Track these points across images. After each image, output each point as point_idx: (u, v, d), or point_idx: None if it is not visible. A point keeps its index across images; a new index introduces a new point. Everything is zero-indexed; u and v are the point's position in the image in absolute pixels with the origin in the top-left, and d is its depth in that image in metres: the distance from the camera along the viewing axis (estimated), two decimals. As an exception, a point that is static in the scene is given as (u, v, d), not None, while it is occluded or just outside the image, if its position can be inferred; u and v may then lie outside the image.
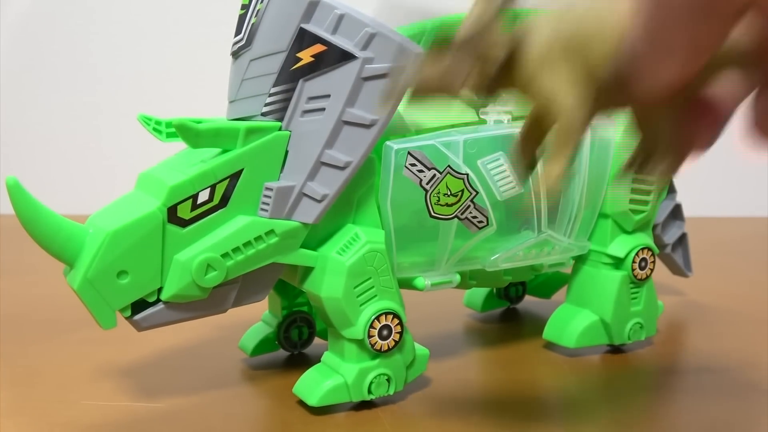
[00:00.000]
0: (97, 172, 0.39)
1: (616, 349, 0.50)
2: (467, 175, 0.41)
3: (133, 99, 0.48)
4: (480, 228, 0.43)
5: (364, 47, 0.38)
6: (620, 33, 0.23)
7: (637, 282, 0.49)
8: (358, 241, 0.40)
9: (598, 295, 0.49)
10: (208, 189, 0.38)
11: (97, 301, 0.37)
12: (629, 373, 0.47)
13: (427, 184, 0.41)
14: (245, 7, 0.40)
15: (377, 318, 0.40)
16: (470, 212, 0.42)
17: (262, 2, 0.39)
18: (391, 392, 0.41)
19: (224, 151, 0.38)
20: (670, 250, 0.58)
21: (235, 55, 0.40)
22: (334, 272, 0.39)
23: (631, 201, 0.48)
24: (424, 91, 0.27)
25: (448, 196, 0.41)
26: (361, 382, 0.40)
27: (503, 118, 0.43)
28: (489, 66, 0.25)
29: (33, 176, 0.55)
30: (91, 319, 0.37)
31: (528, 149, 0.29)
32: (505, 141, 0.42)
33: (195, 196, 0.37)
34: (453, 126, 0.43)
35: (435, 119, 0.42)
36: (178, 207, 0.37)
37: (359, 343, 0.40)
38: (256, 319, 0.50)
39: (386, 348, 0.40)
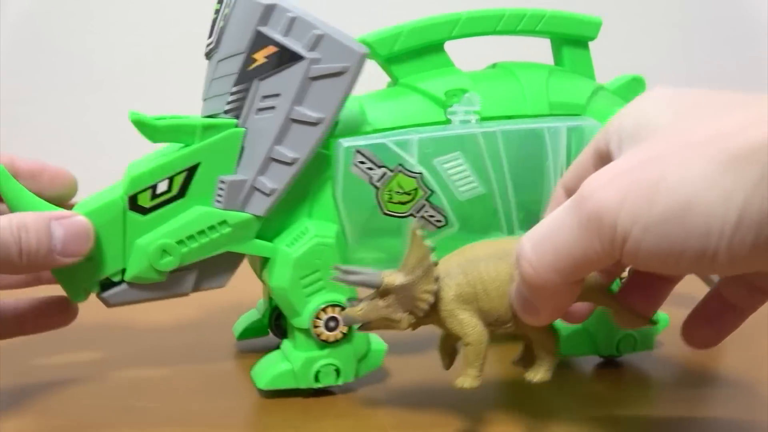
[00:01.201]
0: (97, 172, 0.42)
1: (609, 361, 0.48)
2: (420, 174, 0.42)
3: (133, 99, 0.52)
4: (438, 227, 0.43)
5: (312, 48, 0.39)
6: (503, 294, 0.36)
7: (627, 292, 0.47)
8: (307, 234, 0.41)
9: (583, 303, 0.47)
10: (167, 180, 0.40)
11: (67, 278, 0.41)
12: (629, 374, 0.46)
13: (377, 181, 0.42)
14: (217, 11, 0.43)
15: (323, 309, 0.41)
16: (426, 211, 0.43)
17: (228, 7, 0.41)
18: (340, 382, 0.43)
19: (186, 146, 0.41)
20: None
21: (208, 56, 0.43)
22: (282, 263, 0.41)
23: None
24: (369, 327, 0.37)
25: (401, 194, 0.42)
26: (308, 370, 0.42)
27: (470, 117, 0.43)
28: (418, 310, 0.36)
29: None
30: (91, 319, 0.40)
31: (446, 349, 0.39)
32: (465, 141, 0.42)
33: (154, 187, 0.40)
34: (418, 125, 0.43)
35: (400, 118, 0.43)
36: (138, 196, 0.40)
37: (306, 332, 0.42)
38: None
39: (333, 339, 0.42)
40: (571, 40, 0.48)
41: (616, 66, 0.51)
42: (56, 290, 0.42)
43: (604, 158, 0.33)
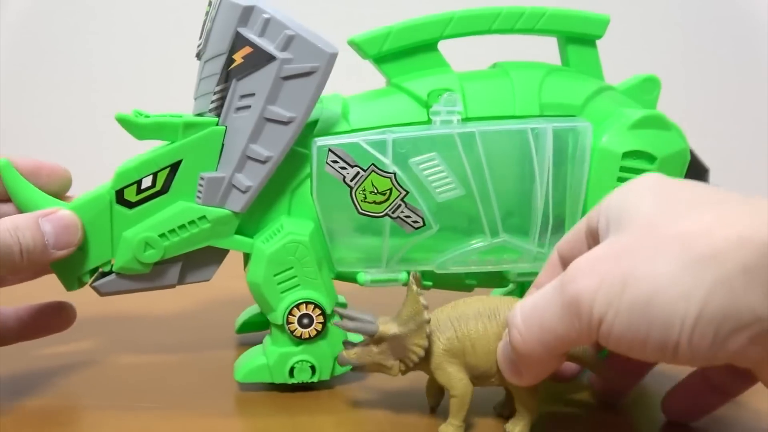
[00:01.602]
0: (98, 172, 0.44)
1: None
2: (394, 173, 0.42)
3: (134, 99, 0.53)
4: (416, 228, 0.43)
5: (284, 48, 0.40)
6: (490, 351, 0.37)
7: (623, 301, 0.45)
8: (281, 231, 0.42)
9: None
10: (151, 176, 0.42)
11: (61, 266, 0.43)
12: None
13: (351, 181, 0.42)
14: (207, 13, 0.44)
15: (297, 306, 0.42)
16: (402, 211, 0.42)
17: (214, 9, 0.43)
18: (316, 380, 0.43)
19: (171, 143, 0.43)
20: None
21: (198, 56, 0.45)
22: (257, 259, 0.42)
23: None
24: (362, 369, 0.39)
25: (375, 194, 0.42)
26: (282, 365, 0.43)
27: (453, 118, 0.43)
28: (408, 360, 0.38)
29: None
30: (90, 318, 0.41)
31: (432, 390, 0.41)
32: (442, 141, 0.42)
33: (139, 182, 0.42)
34: (398, 125, 0.43)
35: (381, 118, 0.43)
36: (125, 190, 0.42)
37: (281, 328, 0.42)
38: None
39: (307, 336, 0.42)
40: (576, 39, 0.47)
41: (614, 66, 0.48)
42: (55, 296, 0.45)
43: (594, 234, 0.36)
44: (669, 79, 0.49)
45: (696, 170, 0.49)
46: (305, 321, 0.42)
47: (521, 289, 0.54)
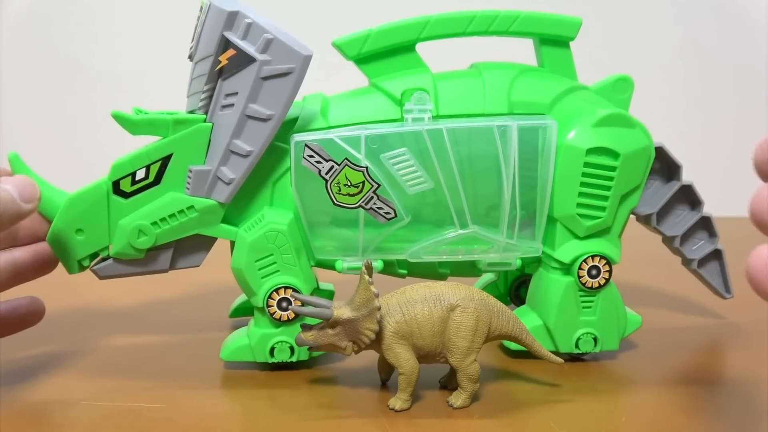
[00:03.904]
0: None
1: (574, 357, 0.49)
2: (367, 168, 0.44)
3: (134, 98, 0.55)
4: (388, 219, 0.45)
5: (263, 51, 0.43)
6: (435, 333, 0.41)
7: (588, 290, 0.47)
8: (262, 221, 0.45)
9: (544, 299, 0.48)
10: (144, 168, 0.46)
11: (62, 250, 0.47)
12: (630, 380, 0.47)
13: (326, 174, 0.45)
14: (198, 18, 0.47)
15: (276, 290, 0.45)
16: (375, 203, 0.45)
17: (204, 14, 0.46)
18: (294, 359, 0.46)
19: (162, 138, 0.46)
20: (697, 266, 0.54)
21: (190, 58, 0.48)
22: (239, 246, 0.45)
23: (581, 206, 0.46)
24: (318, 349, 0.42)
25: (349, 186, 0.45)
26: (263, 345, 0.46)
27: (424, 116, 0.45)
28: (360, 342, 0.41)
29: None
30: (90, 318, 0.45)
31: (383, 367, 0.45)
32: (411, 138, 0.45)
33: (134, 174, 0.46)
34: (373, 122, 0.46)
35: (357, 116, 0.46)
36: (120, 182, 0.46)
37: (262, 310, 0.46)
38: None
39: (286, 318, 0.45)
40: (550, 41, 0.49)
41: (612, 66, 0.50)
42: (25, 292, 0.48)
43: None
44: (667, 78, 0.50)
45: (668, 167, 0.51)
46: (284, 304, 0.45)
47: (503, 279, 0.56)
